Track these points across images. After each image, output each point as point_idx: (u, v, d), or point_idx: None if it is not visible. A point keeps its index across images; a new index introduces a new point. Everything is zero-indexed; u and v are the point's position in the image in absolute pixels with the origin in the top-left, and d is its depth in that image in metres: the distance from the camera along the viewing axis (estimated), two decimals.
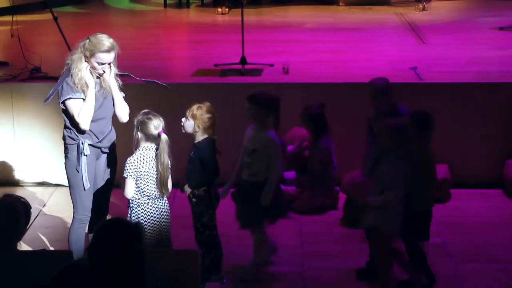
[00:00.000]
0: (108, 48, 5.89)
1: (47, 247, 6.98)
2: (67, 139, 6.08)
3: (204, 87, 8.40)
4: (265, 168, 6.21)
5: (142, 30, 12.19)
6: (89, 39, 5.91)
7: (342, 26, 12.11)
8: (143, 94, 7.88)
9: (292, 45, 10.62)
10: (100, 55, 5.89)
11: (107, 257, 3.77)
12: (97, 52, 5.87)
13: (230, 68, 9.13)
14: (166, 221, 6.05)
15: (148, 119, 5.90)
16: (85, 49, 5.89)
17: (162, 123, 5.93)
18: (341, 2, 14.25)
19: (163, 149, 5.87)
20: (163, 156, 5.87)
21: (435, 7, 13.78)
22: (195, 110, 6.08)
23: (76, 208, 6.21)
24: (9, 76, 8.82)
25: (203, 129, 6.05)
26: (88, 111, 5.90)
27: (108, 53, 5.90)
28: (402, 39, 11.17)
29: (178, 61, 10.42)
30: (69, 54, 6.03)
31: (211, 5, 14.14)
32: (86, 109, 5.89)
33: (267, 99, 6.27)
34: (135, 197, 5.96)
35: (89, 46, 5.88)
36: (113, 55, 5.94)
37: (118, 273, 3.77)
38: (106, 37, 5.94)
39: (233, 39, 9.85)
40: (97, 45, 5.88)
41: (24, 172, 8.60)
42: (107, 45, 5.90)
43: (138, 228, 3.90)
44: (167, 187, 5.97)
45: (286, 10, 14.14)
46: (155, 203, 5.98)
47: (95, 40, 5.89)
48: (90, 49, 5.88)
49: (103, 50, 5.88)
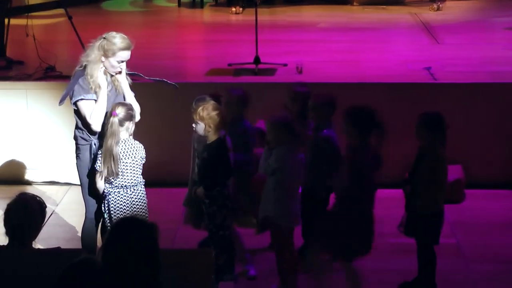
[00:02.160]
0: (128, 46, 5.93)
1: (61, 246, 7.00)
2: (79, 139, 6.09)
3: (217, 87, 8.40)
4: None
5: (156, 30, 12.20)
6: (105, 38, 5.92)
7: (355, 26, 12.08)
8: (157, 94, 7.90)
9: (305, 45, 10.61)
10: (121, 53, 5.91)
11: (122, 255, 3.78)
12: (118, 50, 5.89)
13: (243, 67, 9.13)
14: (140, 210, 6.05)
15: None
16: (105, 48, 5.89)
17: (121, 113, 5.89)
18: (355, 2, 14.21)
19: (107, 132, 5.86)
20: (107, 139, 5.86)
21: (450, 7, 13.72)
22: (201, 112, 6.06)
23: (88, 208, 6.23)
24: (24, 75, 8.86)
25: (214, 127, 6.04)
26: (100, 112, 5.90)
27: (128, 50, 5.94)
28: (416, 39, 11.14)
29: (191, 60, 10.43)
30: (84, 54, 6.03)
31: (225, 5, 14.13)
32: (98, 110, 5.90)
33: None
34: (106, 187, 6.00)
35: (109, 45, 5.89)
36: (130, 52, 5.96)
37: (132, 272, 3.78)
38: (123, 35, 5.97)
39: (247, 39, 9.85)
40: (117, 44, 5.89)
41: (39, 171, 8.63)
42: (127, 42, 5.93)
43: (153, 227, 3.91)
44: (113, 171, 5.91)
45: (300, 9, 14.12)
46: (127, 192, 5.99)
47: (114, 39, 5.91)
48: (110, 48, 5.88)
49: (124, 48, 5.91)
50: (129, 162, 5.94)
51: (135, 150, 5.97)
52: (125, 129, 5.91)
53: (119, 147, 5.87)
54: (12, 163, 8.63)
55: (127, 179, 5.97)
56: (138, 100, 6.20)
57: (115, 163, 5.86)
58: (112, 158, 5.84)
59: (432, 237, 6.07)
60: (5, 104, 8.56)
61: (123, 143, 5.90)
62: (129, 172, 5.96)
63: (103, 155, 5.87)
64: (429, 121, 6.05)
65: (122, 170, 5.92)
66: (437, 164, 6.01)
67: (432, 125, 6.02)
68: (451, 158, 6.41)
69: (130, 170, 5.96)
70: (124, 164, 5.92)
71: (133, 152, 5.96)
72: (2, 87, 8.62)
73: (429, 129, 6.00)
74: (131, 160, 5.95)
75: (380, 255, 6.55)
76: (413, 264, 6.22)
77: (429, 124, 6.02)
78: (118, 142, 5.86)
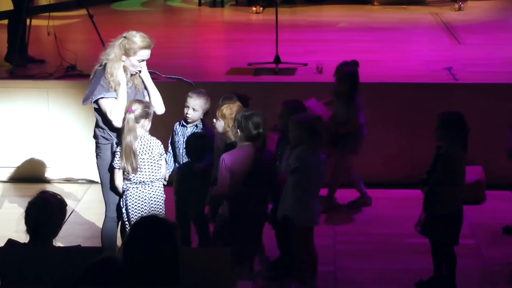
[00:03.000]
0: (149, 45, 5.96)
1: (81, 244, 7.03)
2: (100, 138, 6.11)
3: (237, 86, 8.41)
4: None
5: (177, 29, 12.23)
6: (126, 37, 5.94)
7: (376, 26, 12.07)
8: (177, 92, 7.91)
9: (325, 45, 10.60)
10: (142, 52, 5.93)
11: (142, 254, 3.79)
12: (139, 49, 5.91)
13: (264, 67, 9.14)
14: (157, 206, 6.08)
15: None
16: (126, 47, 5.91)
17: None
18: (375, 2, 14.19)
19: (124, 128, 5.90)
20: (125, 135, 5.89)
21: (471, 7, 13.68)
22: (224, 110, 6.09)
23: (108, 207, 6.25)
24: (45, 73, 8.90)
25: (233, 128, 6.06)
26: (120, 108, 5.92)
27: (148, 49, 5.96)
28: (437, 39, 11.11)
29: (212, 60, 10.45)
30: (104, 52, 6.05)
31: (246, 4, 14.16)
32: (118, 106, 5.92)
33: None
34: (125, 184, 6.04)
35: (130, 44, 5.91)
36: (150, 51, 5.99)
37: (152, 271, 3.79)
38: (143, 34, 5.99)
39: (267, 38, 9.85)
40: (138, 43, 5.92)
41: (59, 169, 8.66)
42: (147, 41, 5.96)
43: (173, 226, 3.92)
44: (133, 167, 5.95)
45: (320, 9, 14.12)
46: (145, 188, 6.02)
47: (135, 38, 5.93)
48: (131, 47, 5.90)
49: (145, 47, 5.94)
50: (146, 158, 5.97)
51: (152, 146, 6.00)
52: (141, 126, 5.94)
53: (136, 144, 5.91)
54: (33, 161, 8.68)
55: (145, 175, 5.99)
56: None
57: (135, 159, 5.90)
58: (132, 154, 5.88)
59: (451, 238, 6.03)
60: (27, 103, 8.61)
61: (139, 139, 5.94)
62: (146, 168, 5.99)
63: (122, 152, 5.90)
64: (448, 120, 6.03)
65: (140, 166, 5.95)
66: (456, 164, 5.98)
67: (451, 125, 5.99)
68: (472, 159, 6.39)
69: (147, 166, 5.99)
70: (141, 160, 5.95)
71: (150, 148, 5.99)
72: (23, 86, 8.67)
73: (449, 129, 5.97)
74: (148, 156, 5.98)
75: (396, 255, 6.55)
76: (430, 264, 6.20)
77: (449, 124, 6.00)
78: (136, 138, 5.90)
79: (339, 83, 7.39)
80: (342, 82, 7.37)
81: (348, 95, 7.33)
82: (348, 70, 7.37)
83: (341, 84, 7.37)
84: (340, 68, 7.41)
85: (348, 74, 7.35)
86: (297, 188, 5.96)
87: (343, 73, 7.37)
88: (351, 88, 7.33)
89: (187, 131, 6.40)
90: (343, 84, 7.36)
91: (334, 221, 7.51)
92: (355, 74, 7.37)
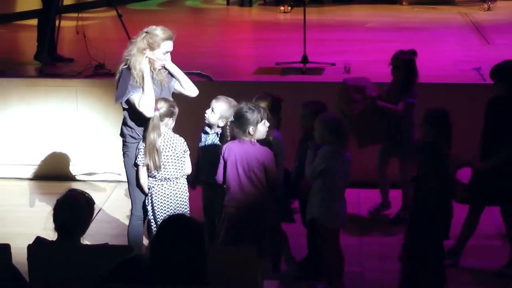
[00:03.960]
0: (171, 36, 6.01)
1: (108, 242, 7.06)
2: (128, 137, 6.14)
3: (265, 86, 8.42)
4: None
5: (205, 28, 12.26)
6: (147, 32, 5.98)
7: (404, 25, 12.03)
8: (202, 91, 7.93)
9: (353, 45, 10.58)
10: (165, 44, 5.98)
11: (169, 254, 3.81)
12: (162, 41, 5.96)
13: (291, 66, 9.13)
14: (181, 203, 6.12)
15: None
16: (149, 42, 5.95)
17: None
18: (404, 2, 14.15)
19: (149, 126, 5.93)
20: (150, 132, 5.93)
21: (500, 7, 13.59)
22: None
23: (134, 205, 6.28)
24: (74, 72, 8.96)
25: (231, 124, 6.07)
26: (148, 98, 5.93)
27: (171, 40, 6.02)
28: (465, 39, 11.06)
29: (239, 59, 10.46)
30: (127, 50, 6.07)
31: (274, 4, 14.17)
32: (146, 96, 5.93)
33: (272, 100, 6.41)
34: (150, 181, 6.07)
35: (153, 38, 5.95)
36: (172, 43, 6.05)
37: (178, 269, 3.80)
38: (163, 27, 6.06)
39: (295, 38, 9.85)
40: (160, 35, 5.97)
41: (87, 167, 8.71)
42: (169, 33, 6.02)
43: (200, 225, 3.93)
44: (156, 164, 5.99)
45: (348, 9, 14.10)
46: (170, 185, 6.06)
47: (156, 31, 5.98)
48: (155, 40, 5.95)
49: (167, 38, 5.99)
50: (169, 155, 6.00)
51: (175, 143, 6.04)
52: (164, 124, 5.99)
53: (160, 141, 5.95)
54: (61, 159, 8.73)
55: (169, 172, 6.03)
56: (182, 97, 6.27)
57: (158, 156, 5.92)
58: (156, 151, 5.91)
59: (442, 232, 5.88)
60: (55, 101, 8.66)
61: (162, 136, 5.97)
62: (170, 165, 6.02)
63: (146, 149, 5.94)
64: (433, 117, 6.01)
65: (164, 163, 5.99)
66: (441, 160, 5.83)
67: (435, 121, 5.97)
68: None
69: (171, 163, 6.02)
70: (165, 157, 5.99)
71: (173, 145, 6.02)
72: (52, 85, 8.73)
73: (432, 124, 5.96)
74: (172, 153, 6.01)
75: None
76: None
77: (432, 120, 5.98)
78: (159, 135, 5.93)
79: (395, 70, 7.22)
80: (398, 70, 7.19)
81: (404, 83, 7.18)
82: (405, 58, 7.21)
83: (397, 71, 7.20)
84: (397, 56, 7.26)
85: (404, 61, 7.18)
86: (324, 190, 5.95)
87: (399, 60, 7.21)
88: (407, 77, 7.16)
89: (208, 137, 6.43)
90: (399, 71, 7.19)
91: (360, 222, 7.49)
92: (412, 62, 7.21)
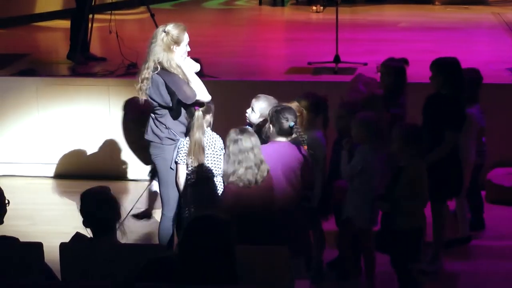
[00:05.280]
0: (185, 27, 6.07)
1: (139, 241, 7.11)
2: (164, 140, 6.11)
3: (296, 85, 8.42)
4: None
5: (237, 28, 12.27)
6: (165, 31, 5.99)
7: (437, 25, 11.98)
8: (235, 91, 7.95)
9: (386, 44, 10.53)
10: (186, 35, 6.04)
11: (198, 253, 3.82)
12: (183, 33, 6.02)
13: (323, 66, 9.12)
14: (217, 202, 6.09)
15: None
16: (174, 38, 5.98)
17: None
18: (436, 2, 14.09)
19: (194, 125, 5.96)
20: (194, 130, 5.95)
21: None
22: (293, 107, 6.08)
23: (165, 205, 6.29)
24: (106, 71, 9.02)
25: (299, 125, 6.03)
26: (198, 85, 5.99)
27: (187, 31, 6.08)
28: (499, 39, 10.98)
29: (271, 58, 10.47)
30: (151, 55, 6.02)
31: (306, 3, 14.17)
32: (196, 84, 5.98)
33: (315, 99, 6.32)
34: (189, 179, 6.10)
35: (174, 33, 5.98)
36: None
37: (208, 269, 3.81)
38: (173, 23, 6.08)
39: (327, 38, 9.84)
40: (180, 29, 6.02)
41: (120, 167, 8.76)
42: (181, 25, 6.06)
43: (229, 224, 3.93)
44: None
45: (381, 9, 14.06)
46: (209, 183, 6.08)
47: (173, 27, 6.01)
48: (178, 35, 6.00)
49: (185, 30, 6.05)
50: (209, 153, 6.04)
51: (215, 141, 6.08)
52: (205, 121, 6.03)
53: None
54: (93, 158, 8.78)
55: (209, 170, 6.05)
56: (216, 98, 6.29)
57: (202, 154, 5.97)
58: (201, 150, 5.96)
59: (412, 254, 5.83)
60: (88, 100, 8.72)
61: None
62: (210, 163, 6.05)
63: (191, 148, 5.96)
64: (406, 135, 5.81)
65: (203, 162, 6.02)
66: (417, 177, 5.77)
67: (409, 139, 5.78)
68: None
69: (210, 161, 6.05)
70: (205, 155, 6.01)
71: (213, 143, 6.06)
72: (85, 84, 8.79)
73: (407, 143, 5.77)
74: (212, 151, 6.05)
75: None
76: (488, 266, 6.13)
77: (407, 138, 5.79)
78: (204, 134, 5.97)
79: (383, 77, 7.01)
80: (387, 77, 6.97)
81: (391, 91, 6.95)
82: (394, 65, 7.04)
83: (386, 78, 6.98)
84: (386, 62, 7.10)
85: (394, 68, 7.00)
86: (360, 189, 5.93)
87: (388, 66, 7.03)
88: (395, 85, 6.95)
89: None
90: (388, 78, 6.96)
91: None
92: (402, 70, 7.00)
